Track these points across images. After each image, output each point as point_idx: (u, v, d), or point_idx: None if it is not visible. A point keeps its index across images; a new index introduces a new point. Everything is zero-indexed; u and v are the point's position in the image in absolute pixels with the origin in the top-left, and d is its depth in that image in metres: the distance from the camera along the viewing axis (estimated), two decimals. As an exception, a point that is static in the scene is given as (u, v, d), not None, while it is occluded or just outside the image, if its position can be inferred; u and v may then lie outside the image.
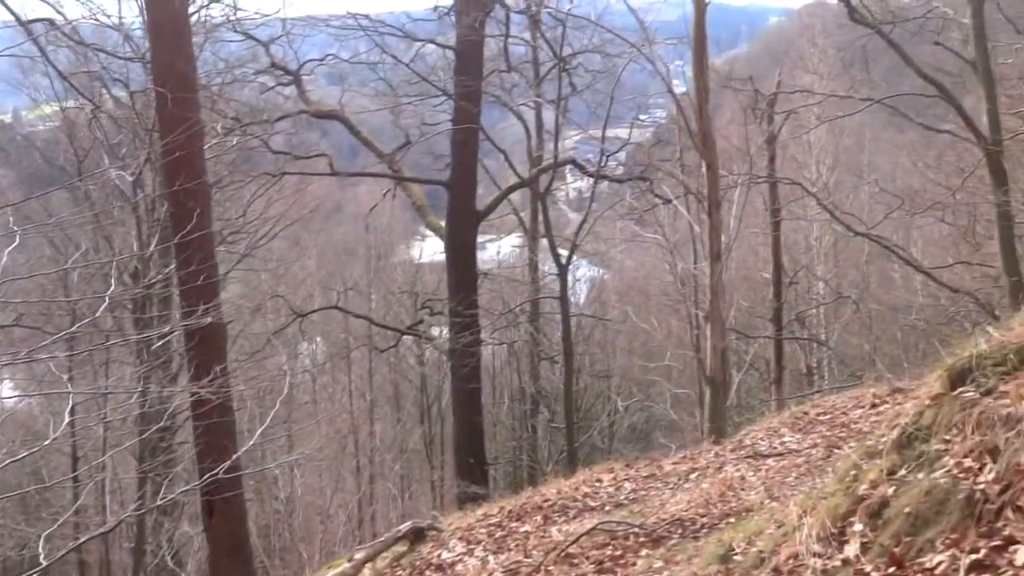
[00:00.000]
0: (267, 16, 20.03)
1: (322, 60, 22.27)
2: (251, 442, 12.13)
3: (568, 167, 24.73)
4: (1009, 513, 3.52)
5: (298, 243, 30.79)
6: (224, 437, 11.83)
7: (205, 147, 14.34)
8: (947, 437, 4.16)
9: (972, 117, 17.04)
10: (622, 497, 9.63)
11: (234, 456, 10.37)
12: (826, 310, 26.38)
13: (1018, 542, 3.42)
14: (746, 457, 9.84)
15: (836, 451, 8.85)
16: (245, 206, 20.63)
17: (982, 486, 3.69)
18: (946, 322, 20.03)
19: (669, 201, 19.17)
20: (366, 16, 20.65)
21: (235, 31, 20.08)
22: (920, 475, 4.07)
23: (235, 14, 19.25)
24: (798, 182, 22.48)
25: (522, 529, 9.11)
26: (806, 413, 11.10)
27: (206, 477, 9.97)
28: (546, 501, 9.77)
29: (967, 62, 17.42)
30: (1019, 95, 19.51)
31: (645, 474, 10.31)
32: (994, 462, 3.74)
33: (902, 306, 25.02)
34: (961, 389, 4.28)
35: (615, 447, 24.07)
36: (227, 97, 20.23)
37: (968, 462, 3.88)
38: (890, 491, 4.16)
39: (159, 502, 11.81)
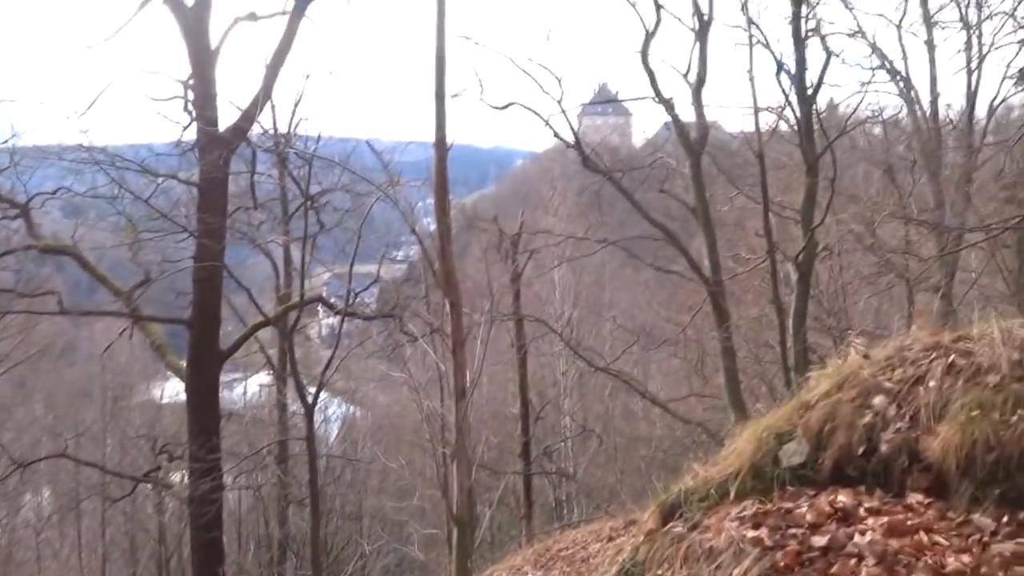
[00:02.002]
0: (-7, 147, 18.94)
1: (53, 194, 21.16)
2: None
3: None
4: (712, 647, 3.62)
5: (23, 385, 28.67)
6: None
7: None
8: (659, 572, 4.27)
9: (696, 259, 18.23)
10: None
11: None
12: (573, 443, 27.02)
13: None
14: (488, 598, 9.75)
15: (575, 587, 8.92)
16: (-39, 347, 19.12)
17: (688, 621, 3.79)
18: (682, 452, 20.92)
19: (415, 339, 19.23)
20: (102, 150, 19.84)
21: (-44, 162, 18.89)
22: (635, 612, 4.14)
23: (-44, 144, 18.17)
24: (542, 319, 23.18)
25: None
26: (548, 549, 11.17)
27: None
28: (283, 657, 9.27)
29: (690, 209, 18.73)
30: (735, 239, 21.20)
31: (388, 621, 10.00)
32: (699, 596, 3.86)
33: (643, 437, 26.06)
34: (671, 524, 4.42)
35: (367, 592, 23.35)
36: (-56, 231, 18.90)
37: (677, 597, 3.99)
38: (608, 630, 4.21)
39: None
